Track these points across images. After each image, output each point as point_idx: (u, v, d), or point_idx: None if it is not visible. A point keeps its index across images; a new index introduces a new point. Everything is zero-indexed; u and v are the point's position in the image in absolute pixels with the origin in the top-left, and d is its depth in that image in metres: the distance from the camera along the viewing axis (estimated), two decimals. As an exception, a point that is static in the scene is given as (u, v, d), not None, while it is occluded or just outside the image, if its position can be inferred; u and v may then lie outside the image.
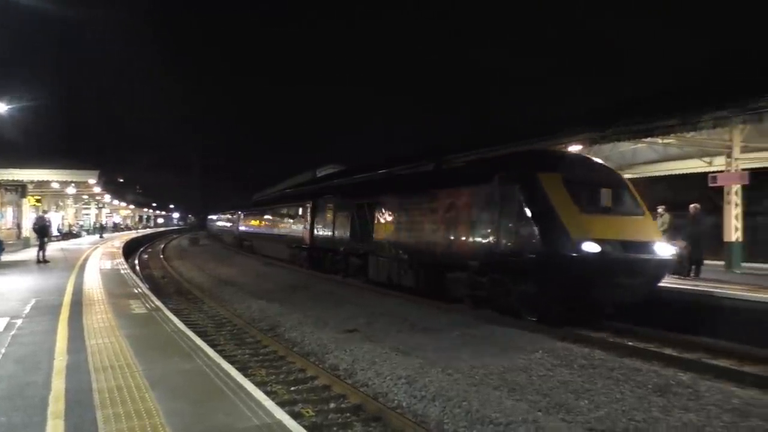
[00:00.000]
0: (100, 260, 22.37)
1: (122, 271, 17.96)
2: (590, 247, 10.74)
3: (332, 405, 7.49)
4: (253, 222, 39.29)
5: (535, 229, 11.36)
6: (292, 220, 28.61)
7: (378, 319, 12.53)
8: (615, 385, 7.63)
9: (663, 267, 11.58)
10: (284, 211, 30.75)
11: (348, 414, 7.18)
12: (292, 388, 8.17)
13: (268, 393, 6.78)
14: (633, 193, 12.40)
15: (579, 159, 13.61)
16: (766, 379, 7.89)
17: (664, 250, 11.57)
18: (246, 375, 7.43)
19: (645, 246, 11.32)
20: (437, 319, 12.48)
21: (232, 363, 7.37)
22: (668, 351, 9.76)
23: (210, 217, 75.17)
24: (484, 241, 12.72)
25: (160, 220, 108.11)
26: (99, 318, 9.55)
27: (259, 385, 6.94)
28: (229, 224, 52.15)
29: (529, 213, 11.63)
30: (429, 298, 15.12)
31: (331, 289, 18.16)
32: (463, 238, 13.50)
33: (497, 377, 8.04)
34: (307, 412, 7.18)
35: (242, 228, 42.87)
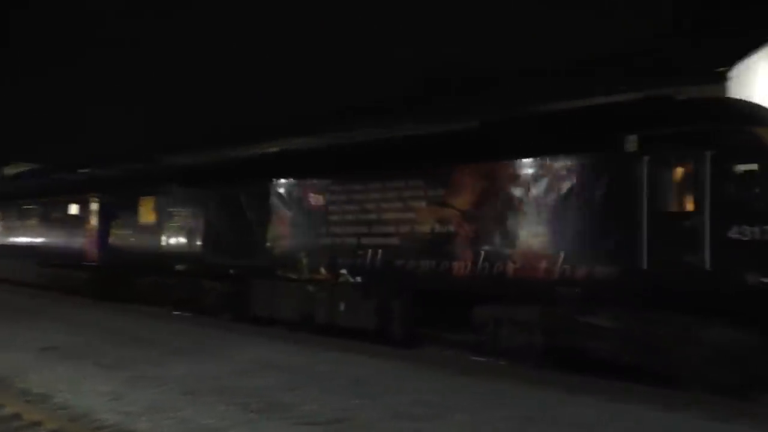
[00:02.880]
0: None
1: None
2: None
3: (23, 435, 6.67)
4: None
5: None
6: (54, 226, 19.77)
7: (83, 333, 11.47)
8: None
9: None
10: (33, 212, 21.34)
11: (43, 442, 6.48)
12: (-30, 422, 7.07)
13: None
14: None
15: None
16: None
17: None
18: None
19: None
20: (153, 330, 11.85)
21: None
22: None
23: None
24: (600, 254, 7.82)
25: None
26: None
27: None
28: None
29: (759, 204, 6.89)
30: (407, 347, 9.91)
31: (17, 300, 15.97)
32: (533, 250, 8.45)
33: (212, 383, 7.99)
34: (-9, 446, 6.30)
35: None
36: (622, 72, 12.09)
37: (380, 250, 10.09)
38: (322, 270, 10.95)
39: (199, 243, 13.74)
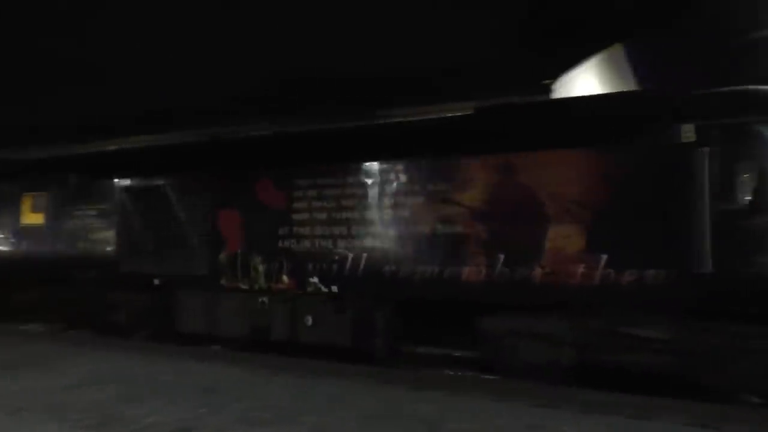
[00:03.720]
0: None
1: None
2: None
3: None
4: None
5: None
6: None
7: None
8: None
9: None
10: None
11: None
12: None
13: None
14: None
15: None
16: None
17: None
18: None
19: None
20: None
21: None
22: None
23: None
24: (651, 257, 6.93)
25: None
26: None
27: None
28: None
29: None
30: (390, 366, 8.64)
31: None
32: (567, 253, 7.37)
33: (44, 399, 7.30)
34: None
35: None
36: (454, 83, 12.10)
37: (364, 255, 8.71)
38: (285, 278, 9.31)
39: (109, 248, 11.24)
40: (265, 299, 9.65)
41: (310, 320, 9.22)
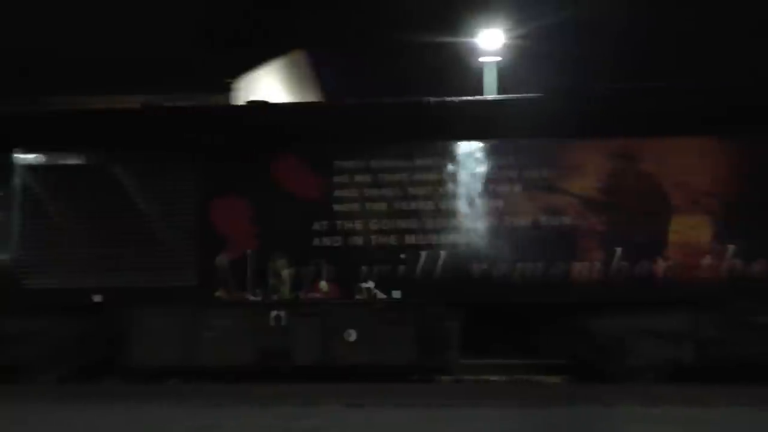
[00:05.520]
0: None
1: None
2: None
3: None
4: None
5: None
6: None
7: None
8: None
9: None
10: None
11: None
12: None
13: None
14: None
15: None
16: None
17: None
18: None
19: None
20: None
21: None
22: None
23: None
24: None
25: None
26: None
27: None
28: None
29: None
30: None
31: None
32: (693, 244, 7.11)
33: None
34: None
35: None
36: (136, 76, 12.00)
37: (443, 252, 7.40)
38: (323, 285, 7.50)
39: (6, 252, 7.64)
40: (281, 313, 7.55)
41: (353, 335, 7.48)
